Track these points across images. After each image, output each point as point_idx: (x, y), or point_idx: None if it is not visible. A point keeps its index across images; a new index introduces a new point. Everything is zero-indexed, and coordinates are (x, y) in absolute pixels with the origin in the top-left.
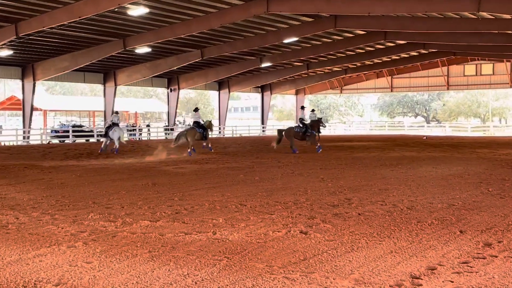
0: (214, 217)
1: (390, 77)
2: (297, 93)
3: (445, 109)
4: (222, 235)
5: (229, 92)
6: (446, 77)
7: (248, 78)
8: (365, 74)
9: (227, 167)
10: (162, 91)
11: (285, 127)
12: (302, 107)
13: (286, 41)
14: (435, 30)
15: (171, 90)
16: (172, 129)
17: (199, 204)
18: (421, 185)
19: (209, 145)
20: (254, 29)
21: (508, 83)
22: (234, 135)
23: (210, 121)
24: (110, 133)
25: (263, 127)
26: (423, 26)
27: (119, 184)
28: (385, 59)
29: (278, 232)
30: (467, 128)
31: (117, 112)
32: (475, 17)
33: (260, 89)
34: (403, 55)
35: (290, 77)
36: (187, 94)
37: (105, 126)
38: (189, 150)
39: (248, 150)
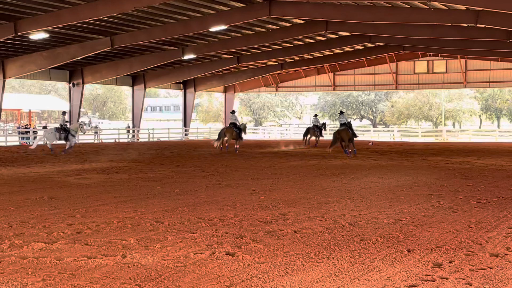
0: (124, 237)
1: (332, 73)
2: (225, 90)
3: (394, 111)
4: (134, 258)
5: (145, 88)
6: (394, 75)
7: (168, 72)
8: (304, 69)
9: (141, 178)
10: (62, 86)
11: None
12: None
13: (213, 29)
14: (383, 21)
15: (73, 85)
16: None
17: (106, 222)
18: (366, 197)
19: (238, 146)
20: (175, 14)
21: (463, 83)
22: (151, 139)
23: (246, 124)
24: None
25: (185, 130)
26: (369, 16)
27: (6, 198)
28: (326, 53)
29: (201, 254)
30: (417, 132)
31: (64, 113)
32: (427, 7)
33: (182, 85)
34: (346, 48)
35: (217, 71)
36: (93, 90)
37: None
38: (221, 146)
39: (167, 157)
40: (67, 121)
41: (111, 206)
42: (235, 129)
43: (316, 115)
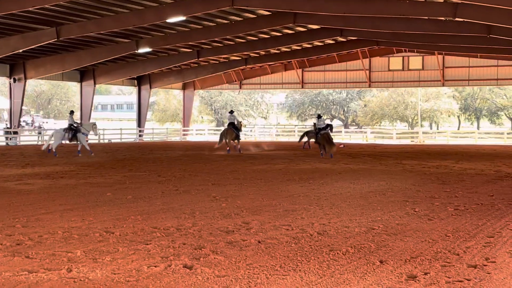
0: (70, 249)
1: (300, 70)
2: (184, 87)
3: (367, 111)
4: (80, 272)
5: (95, 84)
6: (367, 72)
7: (120, 67)
8: (270, 65)
9: (90, 183)
10: (2, 82)
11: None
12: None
13: (171, 20)
14: (355, 14)
15: (14, 80)
16: (16, 132)
17: (50, 232)
18: (336, 204)
19: (239, 146)
20: (129, 3)
21: (440, 80)
22: (101, 141)
23: (241, 122)
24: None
25: (140, 131)
26: (340, 8)
27: None
28: (294, 47)
29: (155, 267)
30: (392, 134)
31: (72, 112)
32: None
33: (136, 81)
34: (316, 43)
35: (175, 67)
36: (37, 86)
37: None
38: (227, 148)
39: (119, 161)
40: (76, 121)
41: (56, 214)
42: (234, 130)
43: (319, 116)
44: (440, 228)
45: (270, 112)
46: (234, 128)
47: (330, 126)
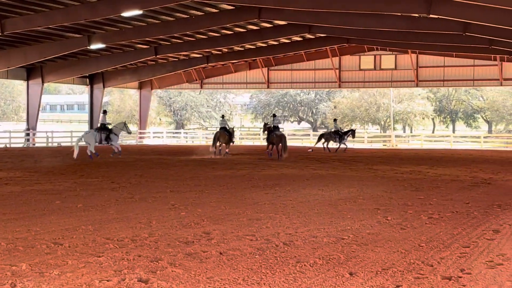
0: (15, 262)
1: (266, 69)
2: (141, 86)
3: (337, 113)
4: (26, 287)
5: (43, 82)
6: (337, 71)
7: (71, 64)
8: (233, 63)
9: (37, 190)
10: None
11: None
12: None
13: (126, 14)
14: (324, 9)
15: None
16: None
17: None
18: (303, 213)
19: (228, 150)
20: None
21: (414, 81)
22: (50, 144)
23: (233, 128)
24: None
25: None
26: (308, 2)
27: None
28: (259, 44)
29: (108, 281)
30: (363, 138)
31: (104, 111)
32: None
33: (88, 80)
34: (282, 40)
35: (131, 64)
36: None
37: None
38: (221, 150)
39: (69, 166)
40: (109, 122)
41: None
42: (226, 133)
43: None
44: (413, 238)
45: (234, 113)
46: (226, 132)
47: (352, 132)
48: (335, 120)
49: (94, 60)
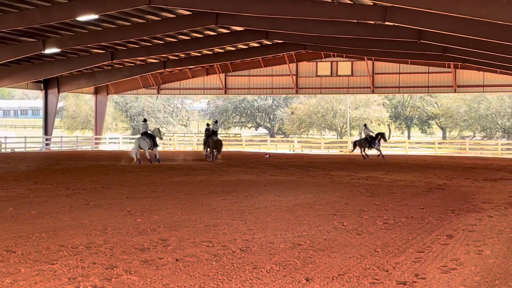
0: None
1: (223, 74)
2: (97, 92)
3: (294, 119)
4: None
5: None
6: (294, 77)
7: (25, 69)
8: (190, 69)
9: None
10: None
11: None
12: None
13: (81, 18)
14: (281, 15)
15: None
16: None
17: None
18: (260, 219)
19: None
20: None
21: (370, 87)
22: (4, 150)
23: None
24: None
25: (47, 140)
26: (265, 9)
27: None
28: (217, 50)
29: None
30: (320, 144)
31: (145, 120)
32: (331, 1)
33: (43, 84)
34: (240, 45)
35: (87, 69)
36: None
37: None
38: (209, 155)
39: (23, 172)
40: (150, 129)
41: None
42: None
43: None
44: (369, 243)
45: (191, 119)
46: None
47: (382, 135)
48: (365, 125)
49: (48, 64)
